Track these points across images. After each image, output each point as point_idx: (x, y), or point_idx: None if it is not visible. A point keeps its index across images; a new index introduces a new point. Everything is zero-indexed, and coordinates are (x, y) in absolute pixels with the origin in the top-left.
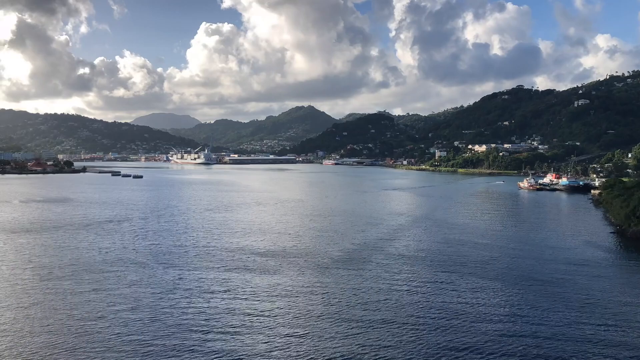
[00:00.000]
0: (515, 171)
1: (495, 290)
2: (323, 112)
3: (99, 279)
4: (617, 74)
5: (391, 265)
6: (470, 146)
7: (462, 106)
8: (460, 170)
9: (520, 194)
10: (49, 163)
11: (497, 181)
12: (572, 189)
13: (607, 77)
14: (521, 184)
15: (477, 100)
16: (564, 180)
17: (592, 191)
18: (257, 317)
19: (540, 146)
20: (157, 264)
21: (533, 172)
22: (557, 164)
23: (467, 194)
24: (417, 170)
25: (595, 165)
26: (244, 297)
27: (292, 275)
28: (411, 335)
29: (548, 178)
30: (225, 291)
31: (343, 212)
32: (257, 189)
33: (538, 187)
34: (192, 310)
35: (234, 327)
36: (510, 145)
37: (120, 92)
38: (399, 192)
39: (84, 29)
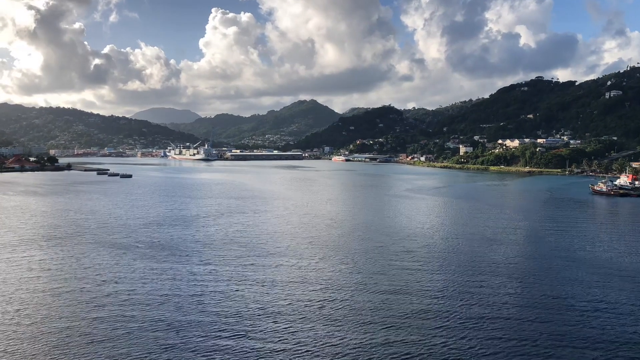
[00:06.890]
0: (559, 170)
1: None
2: (326, 107)
3: None
4: (638, 65)
5: None
6: (500, 141)
7: (470, 100)
8: (492, 168)
9: (599, 202)
10: (31, 159)
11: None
12: None
13: (628, 69)
14: (596, 188)
15: (493, 93)
16: None
17: None
18: None
19: (572, 141)
20: None
21: (579, 170)
22: (609, 161)
23: (543, 199)
24: (440, 167)
25: None
26: None
27: None
28: None
29: (623, 180)
30: None
31: (427, 231)
32: (287, 197)
33: (621, 192)
34: None
35: None
36: (544, 140)
37: (135, 84)
38: (455, 200)
39: (113, 17)
